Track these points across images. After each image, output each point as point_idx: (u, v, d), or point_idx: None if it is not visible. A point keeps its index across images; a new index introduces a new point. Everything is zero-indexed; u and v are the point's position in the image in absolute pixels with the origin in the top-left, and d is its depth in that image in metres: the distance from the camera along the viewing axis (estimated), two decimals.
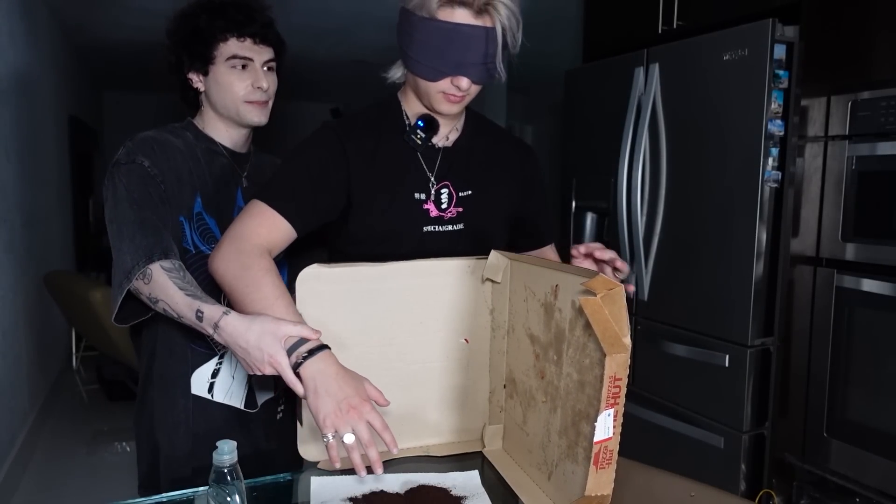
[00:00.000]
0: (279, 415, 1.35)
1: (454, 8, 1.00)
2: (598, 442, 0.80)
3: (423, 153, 1.16)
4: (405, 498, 0.96)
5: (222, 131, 1.31)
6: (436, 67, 1.04)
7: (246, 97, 1.26)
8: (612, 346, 0.78)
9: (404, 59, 1.09)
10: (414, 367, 1.12)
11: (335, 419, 0.88)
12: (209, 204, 1.25)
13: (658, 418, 2.14)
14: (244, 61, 1.25)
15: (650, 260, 2.15)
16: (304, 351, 0.91)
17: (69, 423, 3.58)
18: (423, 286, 1.11)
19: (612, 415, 0.80)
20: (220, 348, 1.25)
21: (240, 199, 1.30)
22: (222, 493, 0.80)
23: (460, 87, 1.05)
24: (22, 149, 3.24)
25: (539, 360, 0.99)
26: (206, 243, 1.24)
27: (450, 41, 1.01)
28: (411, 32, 1.04)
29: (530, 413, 1.03)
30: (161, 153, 1.21)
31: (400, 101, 1.18)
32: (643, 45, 2.15)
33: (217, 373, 1.26)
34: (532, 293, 1.01)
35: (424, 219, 1.14)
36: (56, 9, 4.15)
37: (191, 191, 1.23)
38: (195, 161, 1.25)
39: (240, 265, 0.99)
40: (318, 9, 4.13)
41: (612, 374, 0.78)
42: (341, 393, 0.90)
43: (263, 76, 1.26)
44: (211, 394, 1.26)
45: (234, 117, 1.28)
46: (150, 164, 1.18)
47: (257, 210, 1.05)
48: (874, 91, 1.66)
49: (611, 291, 0.79)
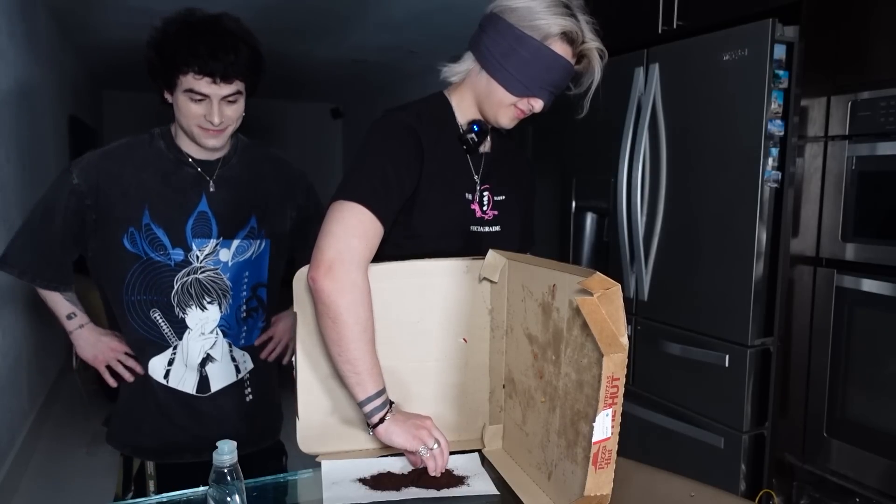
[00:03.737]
0: (248, 398, 1.47)
1: (564, 43, 1.10)
2: (596, 442, 0.80)
3: (471, 156, 1.20)
4: (410, 478, 1.02)
5: (187, 143, 1.37)
6: (526, 85, 1.11)
7: (200, 124, 1.29)
8: (610, 346, 0.78)
9: (491, 66, 1.12)
10: (412, 366, 1.12)
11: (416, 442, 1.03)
12: (158, 215, 1.34)
13: (658, 418, 2.14)
14: (200, 96, 1.26)
15: (650, 260, 2.15)
16: (376, 420, 1.03)
17: (69, 423, 3.58)
18: (420, 286, 1.11)
19: (610, 415, 0.80)
20: (174, 340, 1.39)
21: (203, 204, 1.37)
22: (222, 493, 0.80)
23: (534, 107, 1.15)
24: (22, 149, 3.24)
25: (537, 360, 1.00)
26: (156, 251, 1.35)
27: (549, 68, 1.10)
28: (515, 46, 1.09)
29: (529, 413, 1.03)
30: (103, 171, 1.33)
31: (449, 101, 1.20)
32: (643, 45, 2.15)
33: (172, 361, 1.40)
34: (530, 293, 1.01)
35: (472, 219, 1.19)
36: (56, 9, 4.15)
37: (138, 204, 1.33)
38: (152, 173, 1.35)
39: (354, 313, 1.01)
40: (319, 9, 4.13)
41: (610, 374, 0.78)
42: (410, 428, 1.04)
43: (217, 112, 1.28)
44: (166, 379, 1.40)
45: (191, 138, 1.34)
46: (80, 181, 1.32)
47: (350, 213, 1.03)
48: (874, 91, 1.66)
49: (608, 291, 0.80)
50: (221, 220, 1.38)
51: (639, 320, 2.22)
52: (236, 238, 1.40)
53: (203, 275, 1.38)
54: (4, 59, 3.00)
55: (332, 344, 1.02)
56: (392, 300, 1.10)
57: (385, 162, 1.08)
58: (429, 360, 1.14)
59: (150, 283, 1.35)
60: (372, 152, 1.10)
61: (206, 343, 1.40)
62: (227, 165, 1.40)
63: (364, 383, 1.02)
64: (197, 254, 1.36)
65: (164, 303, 1.36)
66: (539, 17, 1.07)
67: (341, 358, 1.02)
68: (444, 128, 1.17)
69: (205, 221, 1.37)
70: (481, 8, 1.18)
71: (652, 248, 2.14)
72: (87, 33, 4.78)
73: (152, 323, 1.37)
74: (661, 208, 2.10)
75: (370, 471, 1.04)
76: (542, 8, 1.08)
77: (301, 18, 4.36)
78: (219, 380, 1.43)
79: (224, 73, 1.24)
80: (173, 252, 1.35)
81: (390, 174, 1.07)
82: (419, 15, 4.22)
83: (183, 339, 1.39)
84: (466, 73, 1.17)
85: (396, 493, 0.98)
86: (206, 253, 1.37)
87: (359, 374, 1.02)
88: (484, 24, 1.13)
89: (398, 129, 1.12)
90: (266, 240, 1.45)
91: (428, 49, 5.16)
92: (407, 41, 4.97)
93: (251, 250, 1.43)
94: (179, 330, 1.39)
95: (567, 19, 1.08)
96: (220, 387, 1.43)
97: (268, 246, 1.46)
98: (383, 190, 1.06)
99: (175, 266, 1.35)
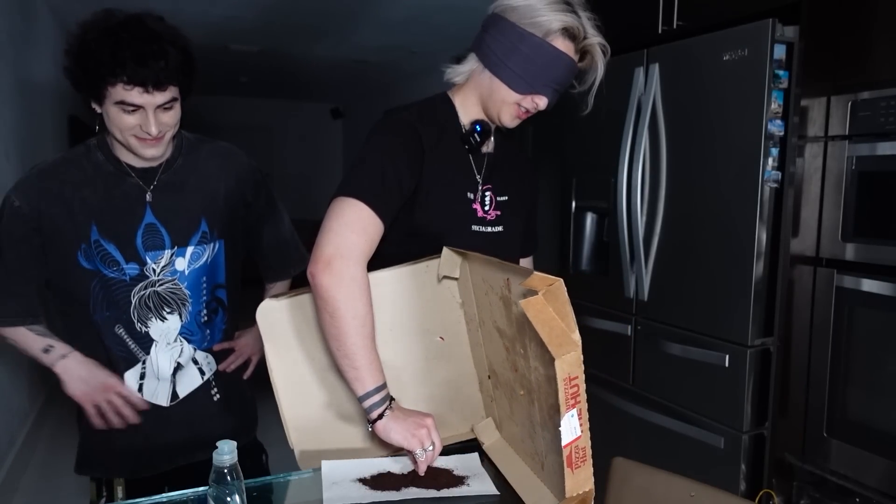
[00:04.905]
0: (215, 398, 1.45)
1: (566, 39, 1.10)
2: (567, 444, 0.78)
3: (473, 156, 1.20)
4: (410, 478, 1.02)
5: (125, 153, 1.30)
6: (528, 82, 1.11)
7: (136, 134, 1.22)
8: (561, 347, 0.75)
9: (493, 64, 1.12)
10: (395, 373, 1.11)
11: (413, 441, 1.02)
12: (106, 230, 1.28)
13: (658, 418, 2.14)
14: (133, 107, 1.18)
15: (650, 260, 2.15)
16: (374, 416, 1.03)
17: (69, 423, 3.58)
18: (388, 294, 1.10)
19: (575, 415, 0.77)
20: (142, 354, 1.35)
21: (149, 215, 1.31)
22: (222, 493, 0.80)
23: (538, 105, 1.14)
24: (22, 149, 3.23)
25: (510, 354, 0.99)
26: (109, 267, 1.29)
27: (551, 64, 1.10)
28: (516, 45, 1.09)
29: (514, 405, 1.04)
30: (43, 191, 1.26)
31: (452, 101, 1.21)
32: (643, 45, 2.15)
33: (144, 375, 1.36)
34: (491, 287, 1.01)
35: (473, 218, 1.19)
36: (56, 9, 4.15)
37: (85, 220, 1.27)
38: (94, 188, 1.28)
39: (352, 307, 1.01)
40: (319, 9, 4.13)
41: (566, 375, 0.75)
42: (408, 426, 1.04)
43: (154, 121, 1.20)
44: (140, 394, 1.36)
45: (128, 148, 1.27)
46: (21, 203, 1.25)
47: (350, 209, 1.04)
48: (874, 91, 1.66)
49: (551, 287, 0.76)
50: (171, 228, 1.32)
51: (639, 320, 2.22)
52: (189, 245, 1.35)
53: (161, 287, 1.33)
54: (4, 59, 3.00)
55: (330, 339, 1.02)
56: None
57: (385, 159, 1.08)
58: (411, 364, 1.14)
59: (109, 299, 1.30)
60: (372, 150, 1.10)
61: (174, 352, 1.37)
62: (170, 170, 1.34)
63: (363, 378, 1.02)
64: (153, 267, 1.32)
65: (125, 319, 1.32)
66: (540, 13, 1.08)
67: (340, 353, 1.02)
68: (446, 127, 1.17)
69: (154, 233, 1.31)
70: (481, 8, 1.18)
71: (652, 248, 2.14)
72: None
73: (120, 339, 1.33)
74: (661, 208, 2.10)
75: (370, 471, 1.04)
76: (543, 5, 1.08)
77: (301, 19, 4.36)
78: (185, 385, 1.40)
79: (156, 80, 1.16)
80: (127, 267, 1.30)
81: (390, 171, 1.07)
82: (419, 15, 4.22)
83: (151, 353, 1.35)
84: (469, 73, 1.18)
85: (396, 493, 0.98)
86: (162, 265, 1.32)
87: (357, 370, 1.02)
88: (486, 25, 1.14)
89: (399, 128, 1.12)
90: (219, 240, 1.40)
91: (428, 49, 5.17)
92: (407, 41, 4.97)
93: (206, 255, 1.38)
94: (145, 343, 1.34)
95: (568, 15, 1.08)
96: (186, 392, 1.40)
97: (222, 247, 1.41)
98: (382, 187, 1.06)
99: (130, 280, 1.30)
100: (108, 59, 1.13)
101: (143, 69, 1.14)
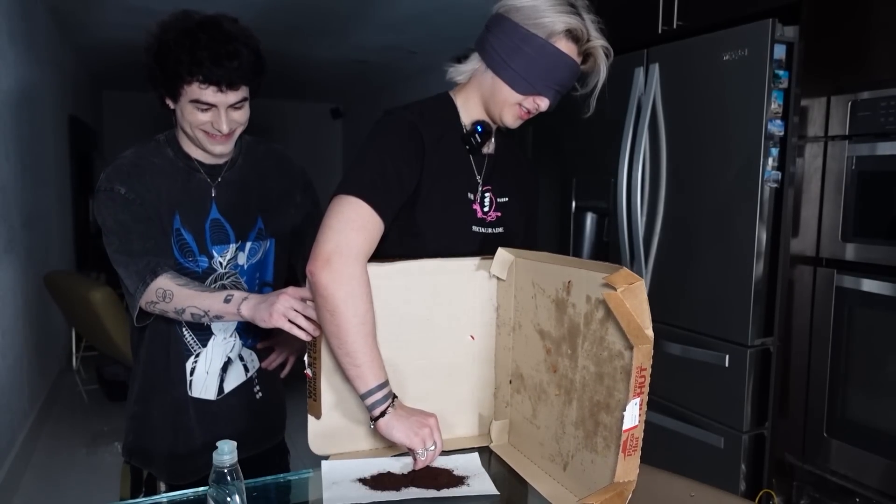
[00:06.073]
0: (258, 395, 1.46)
1: (569, 41, 1.10)
2: (626, 430, 0.83)
3: (474, 157, 1.20)
4: (410, 478, 1.02)
5: (194, 149, 1.35)
6: (531, 83, 1.11)
7: (207, 130, 1.27)
8: (637, 339, 0.81)
9: (496, 64, 1.12)
10: (421, 363, 1.13)
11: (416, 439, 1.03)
12: (187, 220, 1.32)
13: (658, 418, 2.14)
14: (207, 105, 1.23)
15: (650, 260, 2.15)
16: (376, 414, 1.03)
17: (69, 423, 3.58)
18: (432, 283, 1.12)
19: (638, 404, 0.83)
20: (196, 348, 1.36)
21: (214, 211, 1.35)
22: (222, 493, 0.80)
23: (540, 106, 1.14)
24: (22, 149, 3.24)
25: (550, 355, 1.01)
26: (185, 258, 1.32)
27: (554, 66, 1.10)
28: (519, 45, 1.09)
29: (541, 406, 1.05)
30: (137, 177, 1.28)
31: (454, 101, 1.21)
32: (643, 45, 2.15)
33: (194, 371, 1.37)
34: (541, 290, 1.03)
35: (473, 218, 1.19)
36: (56, 9, 4.15)
37: (169, 209, 1.30)
38: (172, 180, 1.32)
39: (352, 305, 1.01)
40: (319, 9, 4.13)
41: (639, 364, 0.81)
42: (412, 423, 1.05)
43: (225, 120, 1.25)
44: (190, 389, 1.37)
45: (197, 144, 1.31)
46: (126, 189, 1.26)
47: (349, 207, 1.04)
48: (874, 91, 1.66)
49: (631, 286, 0.81)
50: (235, 224, 1.37)
51: None
52: (248, 240, 1.40)
53: (228, 280, 1.37)
54: (4, 60, 3.00)
55: (331, 337, 1.03)
56: (403, 297, 1.10)
57: (385, 158, 1.08)
58: (436, 357, 1.15)
59: None
60: (372, 148, 1.10)
61: (228, 346, 1.39)
62: (233, 168, 1.39)
63: (364, 376, 1.02)
64: (220, 260, 1.36)
65: None
66: (544, 14, 1.08)
67: (341, 351, 1.02)
68: (447, 127, 1.17)
69: (220, 227, 1.36)
70: (481, 8, 1.18)
71: (652, 248, 2.14)
72: (87, 33, 4.78)
73: (184, 330, 1.36)
74: (661, 208, 2.10)
75: (370, 471, 1.04)
76: (547, 6, 1.08)
77: (301, 19, 4.36)
78: (231, 381, 1.42)
79: (230, 80, 1.21)
80: (200, 259, 1.34)
81: (390, 169, 1.07)
82: (419, 15, 4.23)
83: (208, 345, 1.38)
84: (472, 73, 1.18)
85: (396, 493, 0.98)
86: (227, 258, 1.37)
87: (358, 367, 1.02)
88: (489, 25, 1.14)
89: (399, 127, 1.12)
90: (271, 239, 1.44)
91: (428, 49, 5.17)
92: (407, 41, 4.97)
93: (261, 251, 1.43)
94: (205, 336, 1.37)
95: (572, 17, 1.08)
96: (232, 387, 1.42)
97: (273, 245, 1.45)
98: (383, 185, 1.06)
99: (202, 273, 1.34)
100: (187, 58, 1.17)
101: (218, 69, 1.18)
